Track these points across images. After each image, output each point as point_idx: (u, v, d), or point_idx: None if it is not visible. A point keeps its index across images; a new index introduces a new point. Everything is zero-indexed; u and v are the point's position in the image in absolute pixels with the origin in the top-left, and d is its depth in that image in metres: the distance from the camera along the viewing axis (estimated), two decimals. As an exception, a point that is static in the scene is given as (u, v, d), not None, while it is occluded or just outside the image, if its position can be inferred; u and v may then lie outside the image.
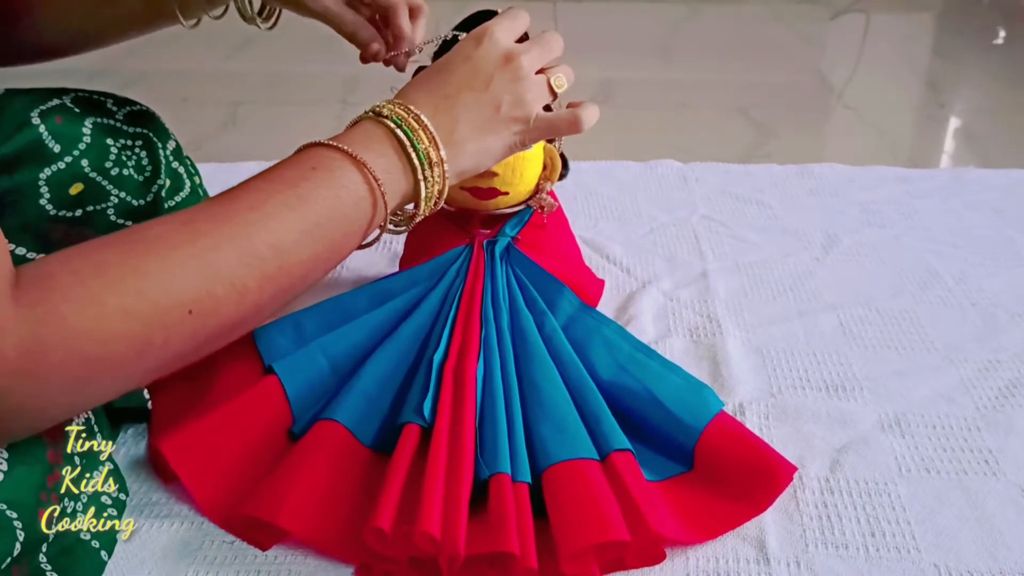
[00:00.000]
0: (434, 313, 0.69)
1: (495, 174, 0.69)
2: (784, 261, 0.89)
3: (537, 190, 0.73)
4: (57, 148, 0.68)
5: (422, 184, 0.56)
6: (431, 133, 0.56)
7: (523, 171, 0.71)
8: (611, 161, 1.11)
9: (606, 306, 0.81)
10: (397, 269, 0.78)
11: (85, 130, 0.70)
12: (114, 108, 0.73)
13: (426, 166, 0.55)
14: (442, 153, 0.56)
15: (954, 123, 1.41)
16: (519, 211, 0.74)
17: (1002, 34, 1.80)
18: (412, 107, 0.57)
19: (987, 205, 1.01)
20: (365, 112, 0.58)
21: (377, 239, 0.58)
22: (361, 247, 0.57)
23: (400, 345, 0.67)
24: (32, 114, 0.68)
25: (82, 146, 0.69)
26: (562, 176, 0.74)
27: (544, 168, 0.72)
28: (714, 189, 1.05)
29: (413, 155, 0.55)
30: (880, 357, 0.74)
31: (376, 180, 0.54)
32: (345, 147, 0.54)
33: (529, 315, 0.69)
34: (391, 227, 0.58)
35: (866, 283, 0.85)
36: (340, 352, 0.67)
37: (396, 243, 0.92)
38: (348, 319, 0.70)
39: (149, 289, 0.45)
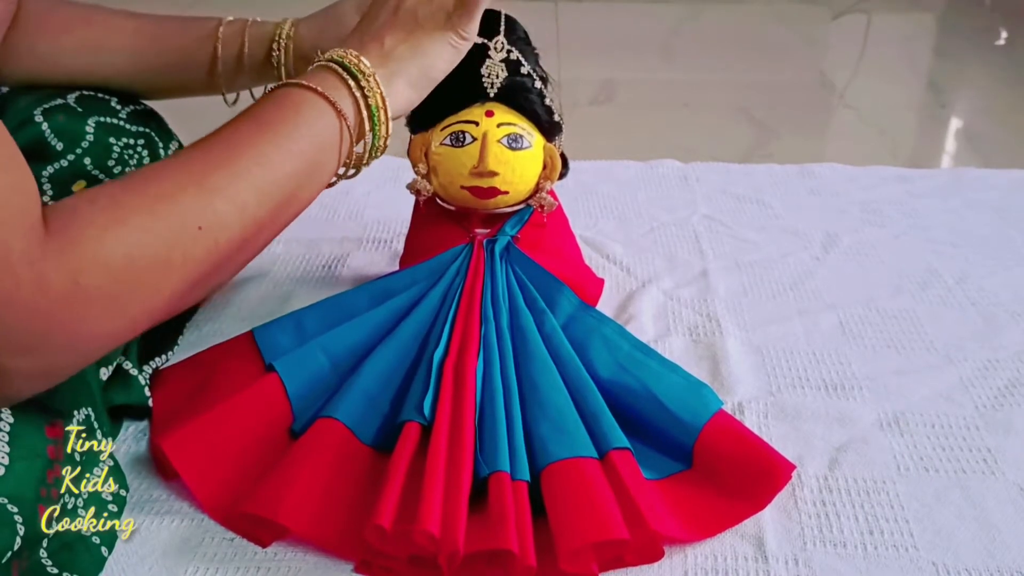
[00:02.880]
0: (434, 312, 0.70)
1: (495, 173, 0.69)
2: (784, 260, 0.89)
3: (537, 189, 0.73)
4: (60, 146, 0.68)
5: (360, 96, 0.60)
6: (356, 55, 0.60)
7: (523, 170, 0.71)
8: (612, 160, 1.11)
9: (606, 305, 0.81)
10: (397, 268, 0.78)
11: (88, 128, 0.70)
12: (117, 107, 0.74)
13: (360, 78, 0.59)
14: (365, 62, 0.60)
15: (955, 123, 1.41)
16: (519, 210, 0.74)
17: (1004, 35, 1.80)
18: (342, 48, 0.62)
19: (987, 205, 1.01)
20: None
21: (340, 177, 0.63)
22: (330, 185, 0.62)
23: (400, 343, 0.67)
24: (35, 112, 0.69)
25: (85, 144, 0.69)
26: (562, 175, 0.74)
27: (544, 167, 0.73)
28: (715, 188, 1.05)
29: (346, 75, 0.59)
30: (880, 356, 0.74)
31: (327, 97, 0.58)
32: (297, 80, 0.59)
33: (529, 314, 0.69)
34: (346, 171, 0.63)
35: (866, 282, 0.85)
36: (340, 350, 0.67)
37: (396, 242, 0.92)
38: (348, 317, 0.70)
39: (160, 208, 0.49)
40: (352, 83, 0.59)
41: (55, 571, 0.52)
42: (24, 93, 0.71)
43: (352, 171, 0.63)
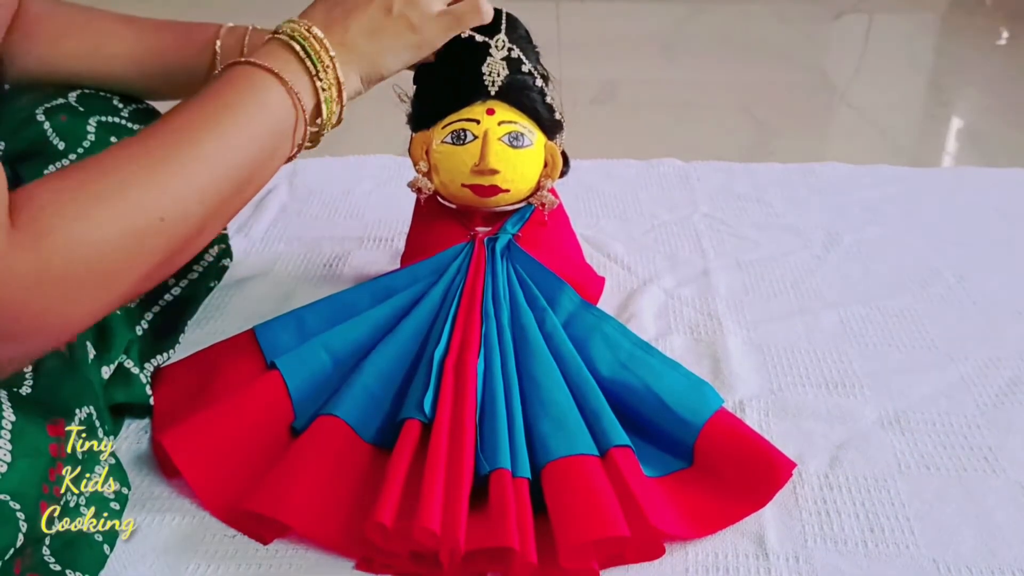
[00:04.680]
0: (435, 310, 0.70)
1: (496, 171, 0.69)
2: (785, 259, 0.89)
3: (538, 187, 0.73)
4: (62, 146, 0.68)
5: (318, 85, 0.60)
6: (320, 39, 0.60)
7: (524, 168, 0.71)
8: (613, 159, 1.11)
9: (607, 304, 0.81)
10: (398, 266, 0.78)
11: (89, 128, 0.70)
12: (119, 105, 0.74)
13: (319, 68, 0.60)
14: (331, 53, 0.60)
15: (956, 123, 1.41)
16: (520, 208, 0.74)
17: (1005, 35, 1.80)
18: (306, 21, 0.61)
19: (988, 204, 1.01)
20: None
21: (296, 153, 0.62)
22: (292, 156, 0.62)
23: (401, 341, 0.67)
24: (37, 111, 0.69)
25: (87, 143, 0.69)
26: (563, 173, 0.74)
27: (545, 165, 0.73)
28: (716, 187, 1.05)
29: (306, 59, 0.59)
30: (881, 355, 0.74)
31: (286, 81, 0.58)
32: (254, 60, 0.59)
33: (530, 312, 0.69)
34: (300, 149, 0.62)
35: (867, 281, 0.85)
36: (342, 348, 0.68)
37: (397, 241, 0.93)
38: (350, 315, 0.70)
39: (125, 197, 0.50)
40: (310, 67, 0.59)
41: (57, 568, 0.52)
42: (25, 91, 0.71)
43: (309, 144, 0.63)
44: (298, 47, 0.59)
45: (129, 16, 0.74)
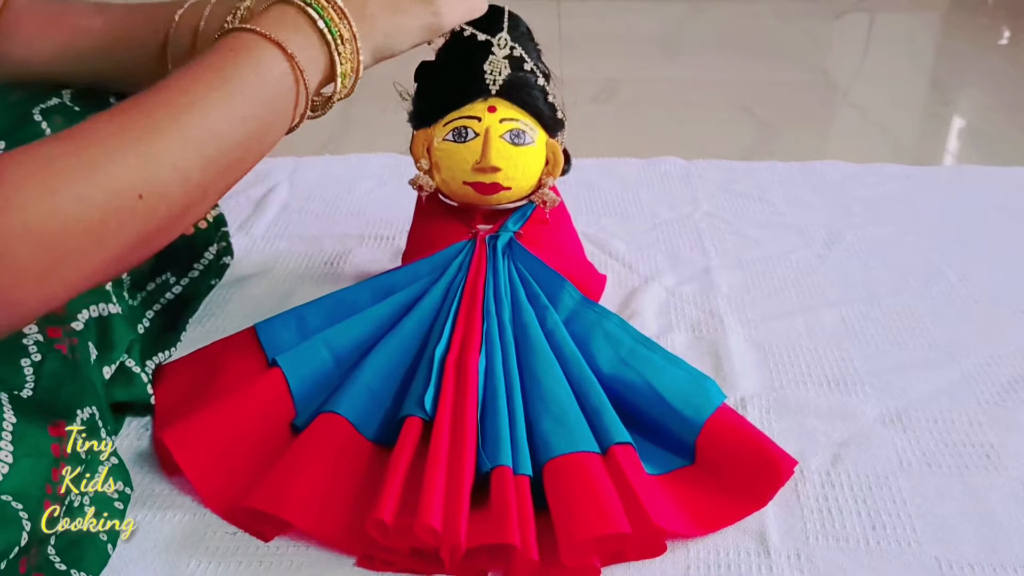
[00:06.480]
0: (436, 307, 0.70)
1: (497, 169, 0.69)
2: (787, 257, 0.89)
3: (539, 185, 0.73)
4: None
5: (336, 59, 0.57)
6: (340, 8, 0.56)
7: (525, 166, 0.71)
8: (614, 158, 1.11)
9: (608, 301, 0.81)
10: (400, 264, 0.78)
11: None
12: (114, 102, 0.73)
13: (338, 41, 0.56)
14: (353, 28, 0.57)
15: (958, 122, 1.40)
16: (521, 206, 0.74)
17: (1006, 34, 1.80)
18: None
19: (990, 202, 1.01)
20: None
21: (296, 126, 0.59)
22: (290, 130, 0.58)
23: (402, 339, 0.67)
24: (34, 110, 0.68)
25: None
26: (564, 171, 0.74)
27: (546, 163, 0.73)
28: (717, 186, 1.05)
29: (325, 30, 0.56)
30: (882, 353, 0.74)
31: (292, 56, 0.55)
32: (258, 28, 0.55)
33: (531, 309, 0.69)
34: (309, 112, 0.59)
35: (868, 279, 0.85)
36: (343, 346, 0.68)
37: (399, 239, 0.92)
38: (351, 313, 0.70)
39: (97, 176, 0.46)
40: (329, 38, 0.55)
41: (63, 568, 0.52)
42: (16, 87, 0.70)
43: (318, 114, 0.60)
44: (315, 14, 0.55)
45: (99, 4, 0.71)
